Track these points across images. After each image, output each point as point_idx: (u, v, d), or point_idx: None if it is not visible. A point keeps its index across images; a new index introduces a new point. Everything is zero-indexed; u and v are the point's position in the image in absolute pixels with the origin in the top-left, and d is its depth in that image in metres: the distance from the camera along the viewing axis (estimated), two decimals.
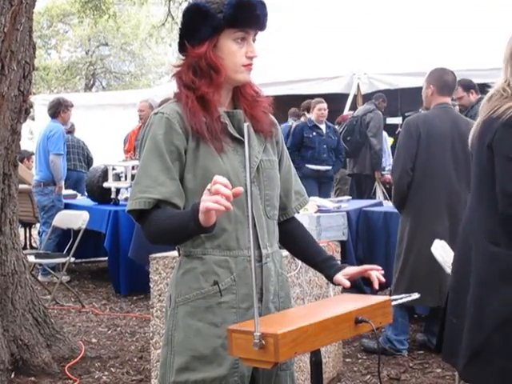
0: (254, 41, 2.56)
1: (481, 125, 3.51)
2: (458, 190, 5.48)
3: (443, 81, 5.61)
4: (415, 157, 5.46)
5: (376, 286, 2.60)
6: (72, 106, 9.82)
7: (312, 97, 11.28)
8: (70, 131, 13.71)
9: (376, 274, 2.63)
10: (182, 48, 2.58)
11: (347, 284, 2.62)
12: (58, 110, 9.57)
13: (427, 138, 5.46)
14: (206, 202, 2.13)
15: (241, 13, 2.47)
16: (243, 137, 2.14)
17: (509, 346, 3.35)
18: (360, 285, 6.20)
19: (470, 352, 3.44)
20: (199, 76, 2.52)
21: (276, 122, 2.74)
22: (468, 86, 8.12)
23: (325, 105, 10.47)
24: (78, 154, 11.93)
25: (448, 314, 3.41)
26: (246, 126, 2.10)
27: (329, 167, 10.52)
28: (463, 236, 3.60)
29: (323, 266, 2.71)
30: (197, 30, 2.52)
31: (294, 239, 2.79)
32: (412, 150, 5.46)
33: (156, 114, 2.54)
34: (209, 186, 2.14)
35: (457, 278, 3.53)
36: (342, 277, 2.63)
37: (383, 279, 2.62)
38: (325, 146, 10.44)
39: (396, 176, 5.56)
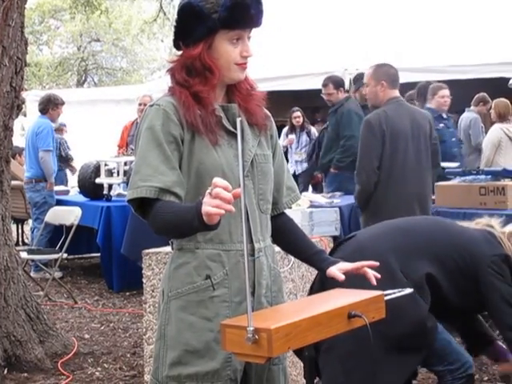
0: (249, 38, 2.54)
1: None
2: (424, 185, 5.49)
3: (392, 75, 5.65)
4: (381, 155, 5.43)
5: (374, 282, 2.59)
6: (63, 103, 9.76)
7: (304, 93, 11.28)
8: (59, 130, 13.81)
9: (373, 272, 2.62)
10: (176, 45, 2.58)
11: (341, 277, 2.59)
12: (47, 106, 9.54)
13: (391, 136, 5.44)
14: (207, 206, 2.12)
15: (236, 14, 2.44)
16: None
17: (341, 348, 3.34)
18: None
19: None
20: (193, 75, 2.52)
21: (270, 115, 2.74)
22: (338, 84, 8.27)
23: (448, 91, 8.69)
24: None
25: None
26: (238, 120, 2.10)
27: (458, 163, 8.77)
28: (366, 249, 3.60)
29: (315, 259, 2.71)
30: (191, 30, 2.51)
31: (285, 234, 2.78)
32: (378, 149, 5.41)
33: (152, 106, 2.54)
34: (209, 189, 2.14)
35: None
36: (336, 270, 2.62)
37: (379, 275, 2.62)
38: (454, 139, 8.82)
39: (363, 176, 5.50)
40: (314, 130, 12.86)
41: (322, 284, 3.29)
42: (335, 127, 8.35)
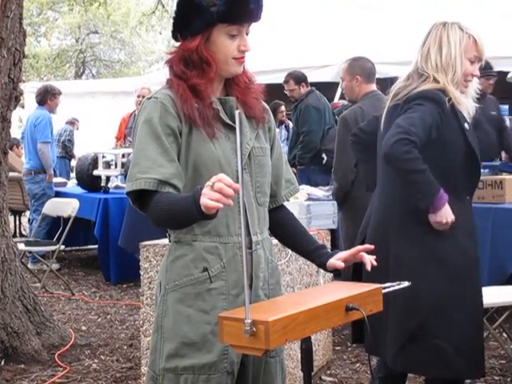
0: (247, 32, 2.54)
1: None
2: None
3: (368, 68, 5.57)
4: None
5: (368, 268, 2.57)
6: (60, 93, 9.77)
7: None
8: (71, 123, 13.93)
9: (369, 257, 2.61)
10: (175, 36, 2.58)
11: (341, 265, 2.58)
12: (45, 97, 9.54)
13: None
14: (206, 198, 2.12)
15: (234, 9, 2.44)
16: (235, 123, 2.13)
17: (441, 325, 3.40)
18: None
19: (404, 338, 3.46)
20: (191, 68, 2.52)
21: (268, 108, 2.74)
22: (299, 79, 8.27)
23: None
24: (58, 141, 12.40)
25: None
26: (237, 113, 2.09)
27: None
28: (377, 222, 3.65)
29: (315, 254, 2.69)
30: (189, 23, 2.50)
31: (284, 227, 2.77)
32: None
33: (149, 98, 2.54)
34: (210, 182, 2.14)
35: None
36: (335, 261, 2.60)
37: (375, 263, 2.60)
38: None
39: (340, 173, 5.46)
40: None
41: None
42: (296, 123, 8.42)
